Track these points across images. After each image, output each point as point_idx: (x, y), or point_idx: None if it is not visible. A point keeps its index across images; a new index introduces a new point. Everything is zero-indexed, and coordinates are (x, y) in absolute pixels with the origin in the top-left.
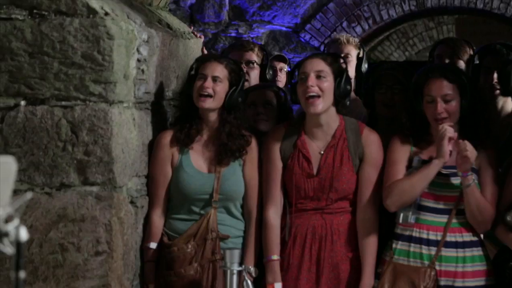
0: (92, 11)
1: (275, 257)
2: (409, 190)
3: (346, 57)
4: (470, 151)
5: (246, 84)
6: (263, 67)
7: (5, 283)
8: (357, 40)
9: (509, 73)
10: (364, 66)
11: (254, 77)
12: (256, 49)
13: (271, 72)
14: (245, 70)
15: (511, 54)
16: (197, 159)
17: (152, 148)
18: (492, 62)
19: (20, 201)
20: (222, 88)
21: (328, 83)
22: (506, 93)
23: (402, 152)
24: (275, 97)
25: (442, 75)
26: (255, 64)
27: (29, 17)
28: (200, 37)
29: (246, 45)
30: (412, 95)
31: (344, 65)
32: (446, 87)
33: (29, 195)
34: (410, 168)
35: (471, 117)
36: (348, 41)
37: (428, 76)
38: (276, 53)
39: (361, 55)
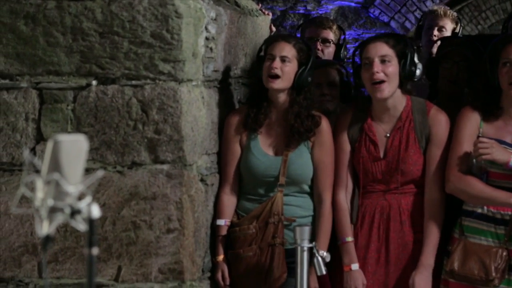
0: None
1: (349, 238)
2: (472, 195)
3: (440, 29)
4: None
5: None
6: (338, 46)
7: (80, 260)
8: (455, 14)
9: None
10: None
11: (328, 55)
12: (334, 28)
13: (345, 53)
14: (320, 48)
15: None
16: (265, 141)
17: (221, 126)
18: None
19: (91, 179)
20: (291, 68)
21: (393, 67)
22: None
23: (470, 129)
24: (338, 75)
25: None
26: (331, 43)
27: None
28: (268, 14)
29: (325, 23)
30: (487, 62)
31: (407, 46)
32: None
33: (100, 173)
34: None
35: None
36: (445, 14)
37: (506, 41)
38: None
39: (457, 30)
